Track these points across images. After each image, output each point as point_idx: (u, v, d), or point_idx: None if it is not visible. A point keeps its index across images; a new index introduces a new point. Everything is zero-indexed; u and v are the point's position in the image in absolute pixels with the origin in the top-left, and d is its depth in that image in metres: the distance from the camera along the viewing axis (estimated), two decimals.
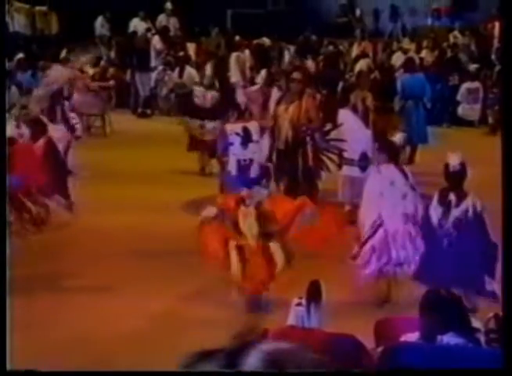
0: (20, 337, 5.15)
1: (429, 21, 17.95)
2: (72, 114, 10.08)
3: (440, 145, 10.80)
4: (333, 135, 8.16)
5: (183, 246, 7.23)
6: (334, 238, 6.00)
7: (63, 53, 14.45)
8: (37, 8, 16.76)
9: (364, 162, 8.07)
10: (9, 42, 15.27)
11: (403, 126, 10.88)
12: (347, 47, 16.41)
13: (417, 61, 12.98)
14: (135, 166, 10.32)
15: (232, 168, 6.98)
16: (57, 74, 11.33)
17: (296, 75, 7.77)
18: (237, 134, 7.00)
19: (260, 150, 7.16)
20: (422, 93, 11.16)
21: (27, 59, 14.23)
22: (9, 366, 3.24)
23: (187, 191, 9.28)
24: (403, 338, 3.20)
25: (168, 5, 17.14)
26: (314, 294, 3.45)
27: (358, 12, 18.46)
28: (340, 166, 8.12)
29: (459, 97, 13.88)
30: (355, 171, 8.05)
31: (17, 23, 16.39)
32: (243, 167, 6.98)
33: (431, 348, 3.08)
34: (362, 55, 14.97)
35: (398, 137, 7.42)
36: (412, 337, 3.16)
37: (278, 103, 7.64)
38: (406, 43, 16.37)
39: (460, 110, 13.93)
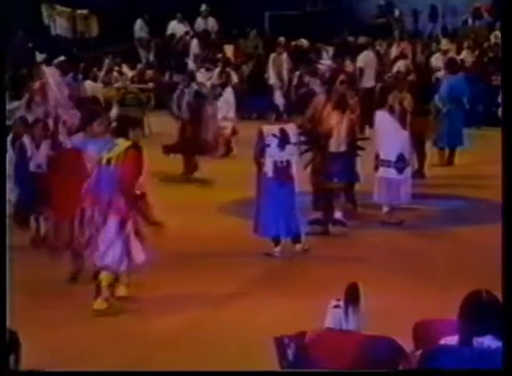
0: (51, 336, 5.24)
1: (469, 21, 17.71)
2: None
3: (480, 147, 10.67)
4: (368, 135, 8.15)
5: (221, 247, 7.27)
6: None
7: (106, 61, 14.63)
8: (79, 11, 17.00)
9: (401, 164, 8.02)
10: (51, 45, 15.54)
11: (440, 128, 10.78)
12: (385, 48, 16.29)
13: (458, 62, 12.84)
14: (173, 167, 10.39)
15: (268, 169, 6.98)
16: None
17: (342, 77, 7.75)
18: (274, 135, 7.00)
19: (297, 152, 7.15)
20: (462, 94, 11.03)
21: (68, 61, 14.44)
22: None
23: (225, 192, 9.31)
24: (443, 341, 3.16)
25: (203, 7, 17.23)
26: (352, 297, 3.44)
27: (397, 12, 18.31)
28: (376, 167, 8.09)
29: (500, 98, 13.66)
30: (391, 173, 8.01)
31: (59, 26, 16.66)
32: (280, 168, 6.99)
33: (471, 352, 3.04)
34: (401, 56, 14.86)
35: None
36: (451, 340, 3.13)
37: (324, 106, 7.55)
38: (446, 44, 16.19)
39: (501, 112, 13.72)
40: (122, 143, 5.76)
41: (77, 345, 5.24)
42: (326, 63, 13.93)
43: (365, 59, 14.13)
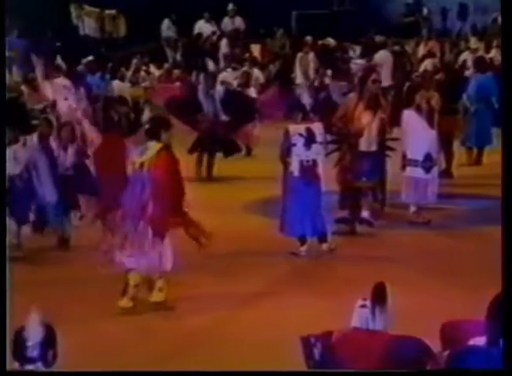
0: (80, 333, 5.28)
1: (499, 19, 17.50)
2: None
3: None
4: (395, 135, 8.11)
5: (246, 246, 7.27)
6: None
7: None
8: (107, 11, 17.13)
9: (428, 163, 7.97)
10: (79, 45, 15.68)
11: (469, 127, 10.68)
12: (413, 47, 16.19)
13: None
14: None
15: (294, 168, 6.98)
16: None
17: (375, 77, 7.71)
18: (300, 135, 6.99)
19: (324, 151, 7.14)
20: (491, 93, 10.91)
21: (96, 61, 14.56)
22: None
23: (250, 191, 9.32)
24: (471, 342, 3.14)
25: (230, 6, 17.25)
26: (379, 297, 3.42)
27: (425, 11, 18.18)
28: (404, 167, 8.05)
29: None
30: (418, 173, 7.96)
31: (87, 26, 16.79)
32: (306, 168, 6.98)
33: (499, 353, 3.01)
34: (429, 54, 14.76)
35: None
36: (479, 340, 3.10)
37: (356, 105, 7.51)
38: (475, 42, 16.03)
39: None
40: (154, 146, 5.74)
41: (104, 342, 5.28)
42: (358, 62, 13.93)
43: (382, 57, 14.10)
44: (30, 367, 3.03)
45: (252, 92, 11.79)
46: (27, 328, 3.05)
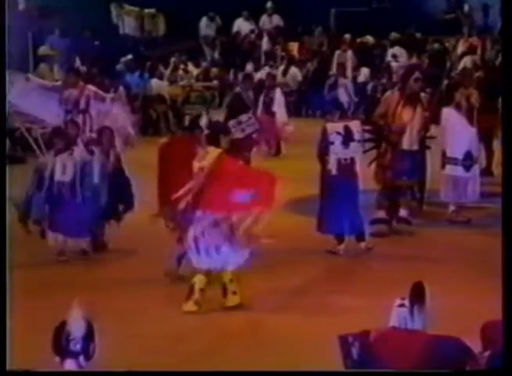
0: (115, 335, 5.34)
1: None
2: None
3: None
4: (434, 133, 8.04)
5: (284, 244, 7.27)
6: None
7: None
8: (146, 10, 17.27)
9: (468, 161, 7.88)
10: (119, 44, 15.85)
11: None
12: (453, 44, 16.01)
13: None
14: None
15: (332, 166, 6.96)
16: None
17: (417, 75, 7.63)
18: (338, 133, 6.97)
19: (361, 149, 7.09)
20: None
21: (136, 60, 14.70)
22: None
23: (288, 190, 9.30)
24: None
25: (269, 4, 17.25)
26: (417, 296, 3.40)
27: (466, 7, 17.93)
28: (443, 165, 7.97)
29: None
30: (458, 171, 7.87)
31: (127, 25, 16.95)
32: (344, 166, 6.95)
33: None
34: (469, 51, 14.56)
35: None
36: None
37: (398, 103, 7.46)
38: None
39: None
40: (213, 151, 5.79)
41: (139, 341, 5.32)
42: (402, 60, 13.85)
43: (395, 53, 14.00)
44: (71, 361, 3.10)
45: (277, 93, 11.71)
46: (69, 323, 3.12)
